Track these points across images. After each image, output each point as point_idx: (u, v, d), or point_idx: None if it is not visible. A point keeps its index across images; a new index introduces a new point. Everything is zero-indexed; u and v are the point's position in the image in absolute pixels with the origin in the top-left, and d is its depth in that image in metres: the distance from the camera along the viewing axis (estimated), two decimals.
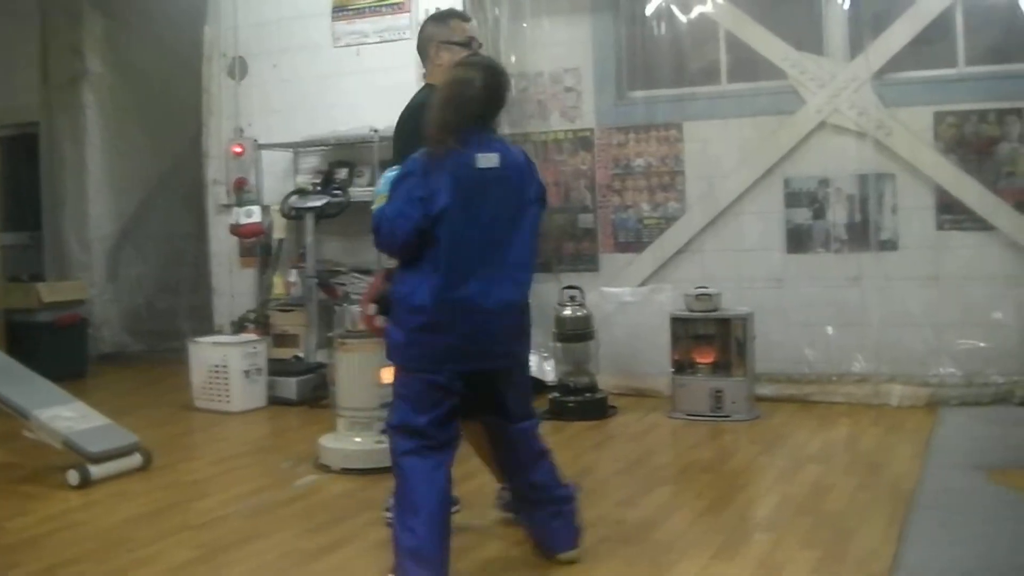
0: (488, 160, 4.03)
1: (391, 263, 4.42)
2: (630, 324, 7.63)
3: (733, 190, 7.56)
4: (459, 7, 7.46)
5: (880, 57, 7.15)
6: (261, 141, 8.62)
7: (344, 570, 4.27)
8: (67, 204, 10.06)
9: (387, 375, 5.80)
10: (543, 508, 4.27)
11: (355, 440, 5.84)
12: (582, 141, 8.00)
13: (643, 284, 7.79)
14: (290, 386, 7.72)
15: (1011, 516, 4.59)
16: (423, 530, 3.88)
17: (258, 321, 8.33)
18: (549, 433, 6.55)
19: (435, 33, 4.65)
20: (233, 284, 8.96)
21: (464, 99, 4.00)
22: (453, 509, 4.33)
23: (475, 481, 5.10)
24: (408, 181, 4.02)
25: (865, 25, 7.18)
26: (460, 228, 3.99)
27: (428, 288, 3.97)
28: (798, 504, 4.97)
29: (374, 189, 4.66)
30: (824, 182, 7.35)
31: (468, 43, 4.63)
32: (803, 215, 7.42)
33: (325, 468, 5.82)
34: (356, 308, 6.08)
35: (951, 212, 7.05)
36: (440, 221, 3.97)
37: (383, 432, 5.76)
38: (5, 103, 10.12)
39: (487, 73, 4.08)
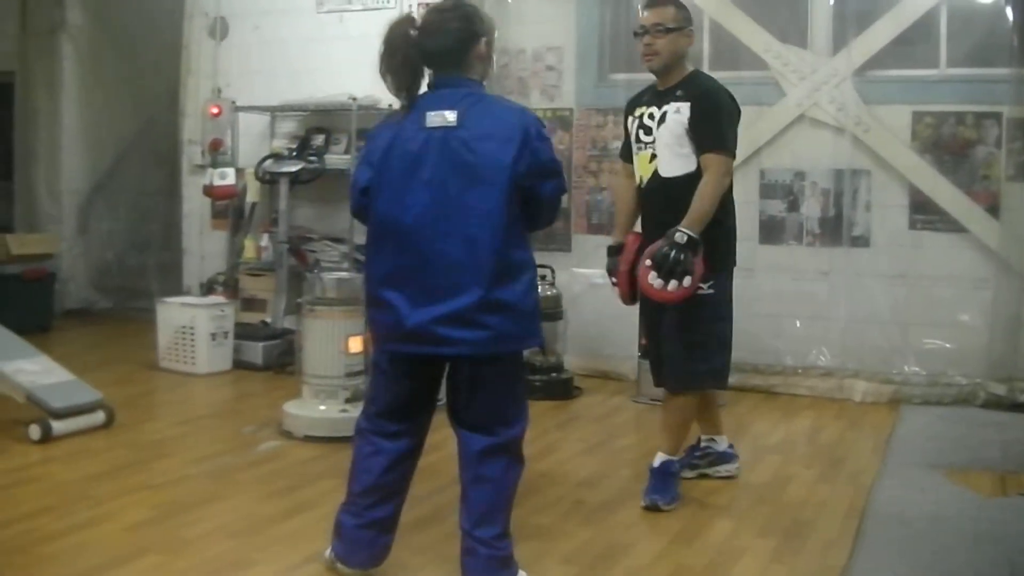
0: (439, 118, 3.38)
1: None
2: (599, 306, 7.61)
3: None
4: None
5: (862, 54, 7.15)
6: (239, 103, 8.53)
7: (301, 535, 4.26)
8: (40, 156, 9.94)
9: (354, 344, 5.83)
10: (462, 538, 3.65)
11: (319, 408, 5.84)
12: (561, 121, 7.98)
13: None
14: (256, 351, 7.69)
15: (968, 516, 4.63)
16: (343, 506, 3.80)
17: (227, 284, 8.30)
18: None
19: None
20: (203, 245, 8.91)
21: (388, 49, 3.47)
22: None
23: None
24: (367, 144, 3.66)
25: (849, 21, 7.17)
26: (387, 207, 3.46)
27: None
28: (758, 493, 5.00)
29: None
30: (800, 175, 7.36)
31: (638, 31, 4.79)
32: (777, 207, 7.44)
33: (288, 435, 5.81)
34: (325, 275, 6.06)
35: (924, 212, 7.08)
36: (367, 195, 3.53)
37: (347, 401, 5.80)
38: None
39: (425, 16, 3.55)
